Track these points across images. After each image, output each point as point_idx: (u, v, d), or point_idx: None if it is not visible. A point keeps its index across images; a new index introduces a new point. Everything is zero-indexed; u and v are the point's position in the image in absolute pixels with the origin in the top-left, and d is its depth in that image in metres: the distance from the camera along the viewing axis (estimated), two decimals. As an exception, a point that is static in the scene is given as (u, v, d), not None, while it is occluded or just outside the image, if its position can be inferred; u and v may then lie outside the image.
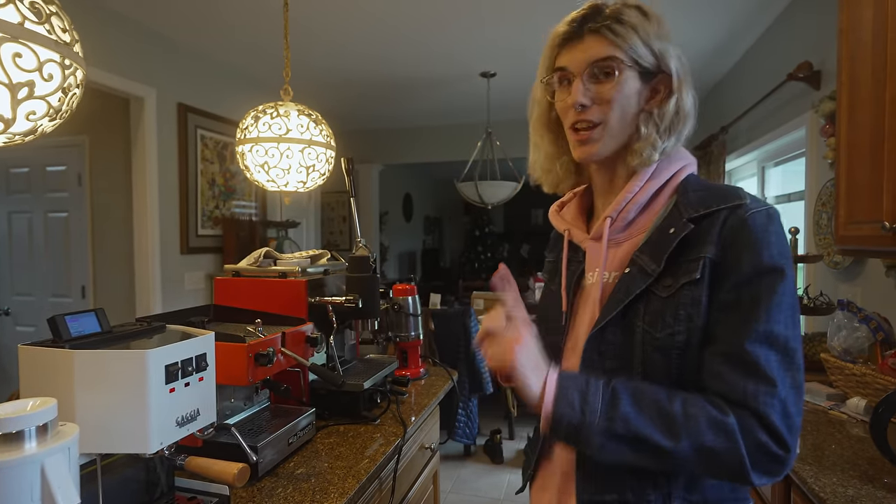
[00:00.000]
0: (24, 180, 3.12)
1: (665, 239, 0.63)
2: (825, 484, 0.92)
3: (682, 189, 0.67)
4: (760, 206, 0.61)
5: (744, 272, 0.59)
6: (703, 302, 0.60)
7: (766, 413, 0.55)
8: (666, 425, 0.56)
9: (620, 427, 0.56)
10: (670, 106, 0.66)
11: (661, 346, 0.61)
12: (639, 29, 0.65)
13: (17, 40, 0.63)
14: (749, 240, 0.59)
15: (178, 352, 0.73)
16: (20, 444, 0.57)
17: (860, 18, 1.21)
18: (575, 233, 0.75)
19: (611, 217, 0.69)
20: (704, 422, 0.55)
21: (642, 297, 0.63)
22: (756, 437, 0.54)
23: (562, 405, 0.58)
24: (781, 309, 0.57)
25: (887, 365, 1.24)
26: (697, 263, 0.61)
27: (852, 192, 1.26)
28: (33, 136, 0.73)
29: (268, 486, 0.92)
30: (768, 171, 2.92)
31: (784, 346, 0.57)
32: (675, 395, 0.58)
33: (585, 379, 0.61)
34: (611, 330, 0.64)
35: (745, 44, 2.87)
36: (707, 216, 0.62)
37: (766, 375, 0.55)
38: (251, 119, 1.44)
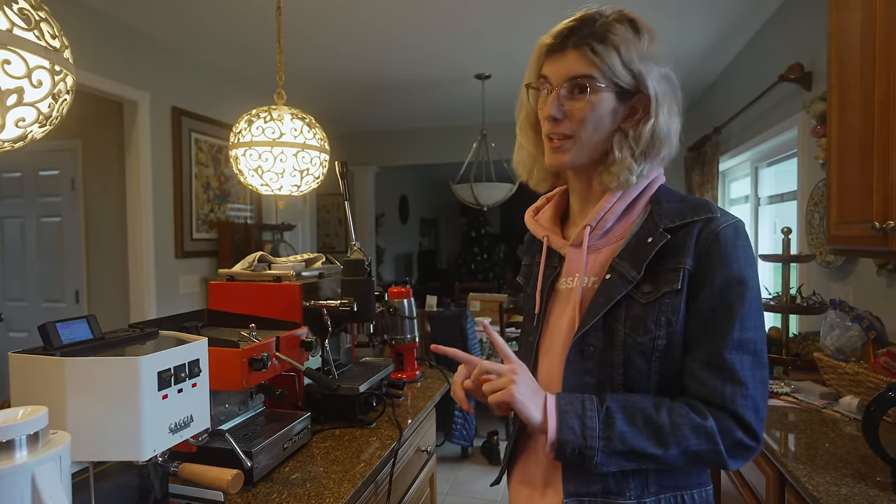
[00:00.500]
0: (16, 185, 3.10)
1: (643, 247, 0.68)
2: (818, 483, 0.92)
3: (655, 199, 0.72)
4: (729, 220, 0.67)
5: (717, 284, 0.64)
6: (682, 309, 0.65)
7: (741, 413, 0.62)
8: (656, 436, 0.62)
9: (618, 444, 0.63)
10: (647, 129, 0.68)
11: (643, 350, 0.66)
12: (622, 48, 0.66)
13: (6, 47, 0.62)
14: (720, 253, 0.65)
15: (171, 358, 0.72)
16: (11, 453, 0.56)
17: (849, 21, 1.22)
18: (554, 239, 0.78)
19: (590, 225, 0.72)
20: (688, 429, 0.62)
21: (622, 302, 0.67)
22: (733, 435, 0.62)
23: (565, 433, 0.63)
24: (751, 316, 0.64)
25: (879, 363, 1.25)
26: (677, 274, 0.65)
27: (843, 192, 1.27)
28: (23, 142, 0.73)
29: (263, 492, 0.92)
30: (761, 171, 2.94)
31: (754, 349, 0.64)
32: (660, 404, 0.64)
33: (581, 401, 0.65)
34: (592, 333, 0.68)
35: (736, 46, 2.90)
36: (682, 227, 0.67)
37: (740, 379, 0.63)
38: (245, 123, 1.43)
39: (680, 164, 3.93)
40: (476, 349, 3.01)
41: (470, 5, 2.38)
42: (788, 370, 1.65)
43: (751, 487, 1.27)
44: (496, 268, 7.99)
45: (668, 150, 0.71)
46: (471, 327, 3.02)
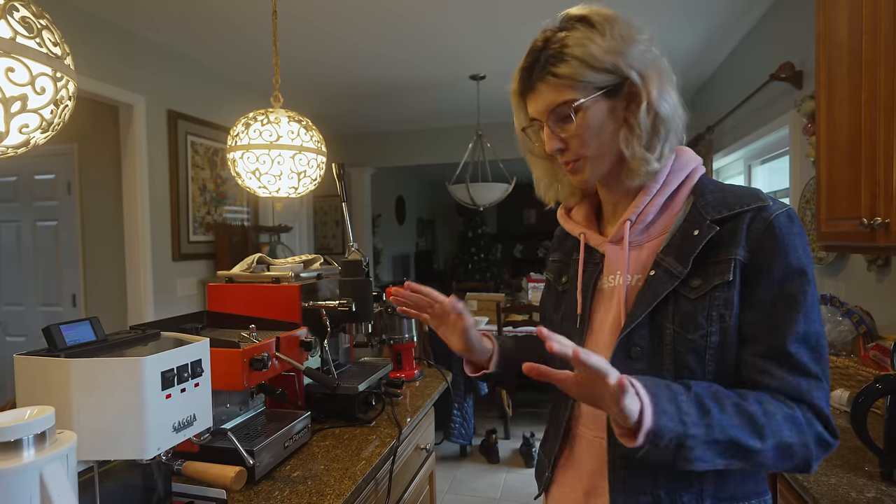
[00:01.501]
0: (11, 189, 3.10)
1: (689, 240, 0.64)
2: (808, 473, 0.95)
3: (698, 191, 0.68)
4: (782, 208, 0.63)
5: (775, 275, 0.61)
6: (735, 303, 0.61)
7: (820, 407, 0.59)
8: (752, 426, 0.56)
9: (718, 433, 0.55)
10: (641, 113, 0.64)
11: (694, 348, 0.62)
12: (585, 55, 0.63)
13: (10, 55, 0.64)
14: (777, 243, 0.61)
15: (174, 358, 0.74)
16: (19, 452, 0.58)
17: (836, 21, 1.25)
18: (591, 236, 0.75)
19: (630, 220, 0.69)
20: (781, 418, 0.57)
21: (670, 298, 0.63)
22: (816, 429, 0.58)
23: (663, 419, 0.53)
24: (814, 308, 0.61)
25: (869, 357, 1.28)
26: (728, 265, 0.61)
27: (832, 189, 1.30)
28: (26, 148, 0.74)
29: (265, 490, 0.93)
30: (755, 168, 2.96)
31: (817, 342, 0.60)
32: (745, 394, 0.59)
33: (667, 385, 0.57)
34: (638, 333, 0.64)
35: (729, 45, 2.92)
36: (731, 218, 0.63)
37: (814, 372, 0.59)
38: (242, 126, 1.45)
39: (674, 162, 3.95)
40: (474, 348, 3.03)
41: (465, 7, 2.40)
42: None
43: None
44: (493, 268, 8.01)
45: (677, 124, 0.67)
46: (468, 327, 3.03)
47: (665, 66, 0.67)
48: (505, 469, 2.91)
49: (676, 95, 0.68)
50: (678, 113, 0.67)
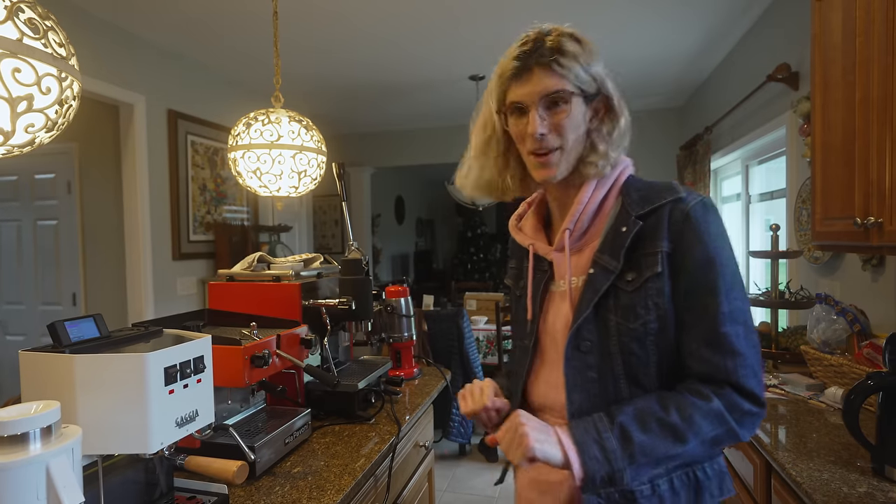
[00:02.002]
0: (12, 189, 3.10)
1: (619, 237, 0.71)
2: (802, 469, 0.96)
3: (625, 190, 0.75)
4: (696, 198, 0.70)
5: (696, 261, 0.67)
6: (667, 291, 0.68)
7: (745, 384, 0.66)
8: (674, 435, 0.64)
9: (641, 457, 0.64)
10: (621, 123, 0.73)
11: (637, 336, 0.68)
12: (579, 58, 0.71)
13: (17, 55, 0.65)
14: (693, 232, 0.68)
15: (177, 354, 0.75)
16: (25, 445, 0.59)
17: (831, 24, 1.26)
18: (539, 246, 0.81)
19: (569, 229, 0.75)
20: (700, 418, 0.64)
21: (610, 292, 0.70)
22: (741, 407, 0.65)
23: (590, 465, 0.63)
24: (734, 287, 0.67)
25: (863, 355, 1.29)
26: (656, 258, 0.68)
27: (827, 189, 1.31)
28: (31, 147, 0.75)
29: (265, 485, 0.94)
30: (752, 169, 2.98)
31: (743, 318, 0.67)
32: (666, 402, 0.66)
33: (593, 425, 0.66)
34: (586, 328, 0.71)
35: (726, 46, 2.94)
36: (652, 212, 0.70)
37: (738, 351, 0.66)
38: (243, 126, 1.46)
39: (672, 162, 3.97)
40: (473, 347, 3.04)
41: (464, 8, 2.41)
42: (778, 364, 1.69)
43: (739, 477, 1.31)
44: (492, 267, 8.02)
45: (628, 140, 0.76)
46: (467, 326, 3.05)
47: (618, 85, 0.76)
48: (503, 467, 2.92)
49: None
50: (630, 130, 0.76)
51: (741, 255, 3.14)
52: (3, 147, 0.70)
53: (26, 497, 0.58)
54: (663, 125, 4.22)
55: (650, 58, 3.08)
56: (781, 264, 1.98)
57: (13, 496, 0.57)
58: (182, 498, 0.88)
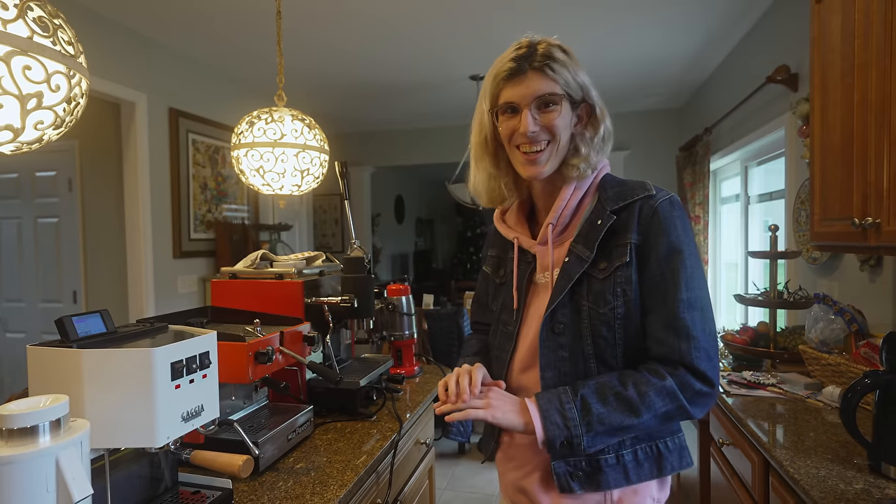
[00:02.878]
0: (12, 186, 3.11)
1: (594, 230, 0.78)
2: (800, 466, 0.97)
3: (601, 187, 0.82)
4: (665, 196, 0.77)
5: (661, 253, 0.74)
6: (634, 279, 0.75)
7: (698, 365, 0.72)
8: (628, 407, 0.72)
9: (598, 426, 0.72)
10: (602, 130, 0.80)
11: (605, 320, 0.75)
12: (568, 66, 0.77)
13: (27, 53, 0.66)
14: (660, 225, 0.75)
15: (183, 350, 0.76)
16: (35, 438, 0.60)
17: (830, 27, 1.28)
18: (523, 240, 0.86)
19: (552, 224, 0.81)
20: (653, 393, 0.71)
21: (583, 280, 0.77)
22: (692, 386, 0.72)
23: (550, 429, 0.71)
24: (694, 277, 0.74)
25: (860, 354, 1.30)
26: (625, 248, 0.75)
27: (825, 190, 1.32)
28: (39, 144, 0.76)
29: (269, 480, 0.95)
30: (751, 170, 2.99)
31: (700, 305, 0.74)
32: (625, 378, 0.73)
33: (557, 396, 0.74)
34: (561, 311, 0.78)
35: (726, 48, 2.95)
36: (625, 207, 0.77)
37: (693, 335, 0.72)
38: (246, 124, 1.46)
39: (672, 163, 3.99)
40: (472, 346, 3.05)
41: (465, 8, 2.42)
42: (776, 363, 1.71)
43: (738, 474, 1.32)
44: (492, 267, 8.02)
45: (610, 146, 0.82)
46: (467, 325, 3.06)
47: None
48: (502, 466, 2.93)
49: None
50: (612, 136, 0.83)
51: (740, 255, 3.16)
52: (13, 144, 0.71)
53: (36, 489, 0.58)
54: (663, 126, 4.24)
55: (650, 59, 3.09)
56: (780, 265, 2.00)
57: (23, 488, 0.58)
58: (186, 492, 0.88)
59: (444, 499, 2.59)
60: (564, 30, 2.62)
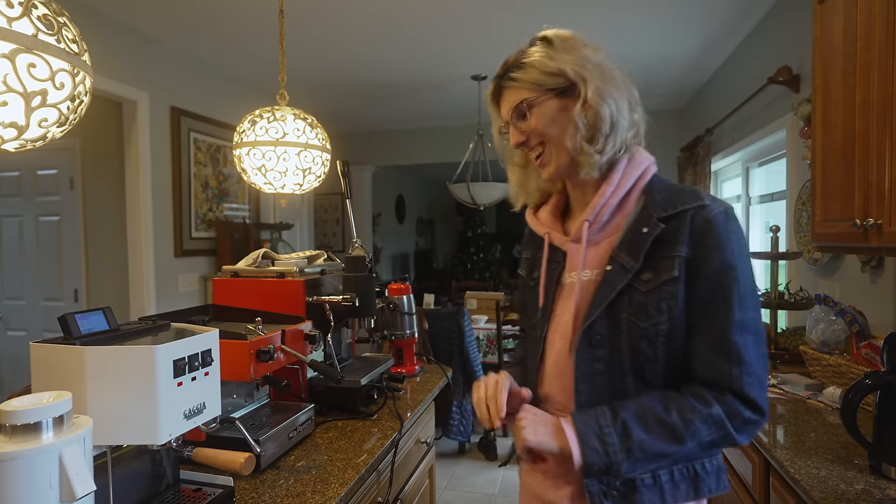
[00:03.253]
0: (14, 184, 3.11)
1: (639, 237, 0.72)
2: (800, 466, 0.97)
3: (648, 190, 0.76)
4: (719, 207, 0.71)
5: (713, 269, 0.68)
6: (681, 295, 0.69)
7: (748, 392, 0.67)
8: (672, 435, 0.67)
9: (639, 453, 0.68)
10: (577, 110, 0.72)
11: (646, 335, 0.70)
12: (536, 62, 0.74)
13: (32, 51, 0.66)
14: (714, 239, 0.69)
15: (185, 347, 0.76)
16: (38, 434, 0.60)
17: (832, 28, 1.28)
18: (555, 236, 0.82)
19: (588, 220, 0.76)
20: (699, 421, 0.67)
21: (625, 291, 0.71)
22: (741, 415, 0.67)
23: (589, 455, 0.67)
24: (748, 297, 0.68)
25: (861, 355, 1.30)
26: (674, 262, 0.69)
27: (827, 191, 1.32)
28: (43, 141, 0.76)
29: (270, 478, 0.95)
30: (752, 171, 2.99)
31: (755, 328, 0.69)
32: (669, 403, 0.69)
33: (595, 418, 0.69)
34: (599, 322, 0.73)
35: (727, 48, 2.95)
36: (675, 216, 0.71)
37: (745, 359, 0.67)
38: (248, 123, 1.47)
39: (673, 164, 3.99)
40: (473, 346, 3.05)
41: (466, 8, 2.42)
42: (777, 364, 1.71)
43: (738, 474, 1.32)
44: (492, 267, 8.03)
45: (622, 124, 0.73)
46: (468, 325, 3.06)
47: (613, 73, 0.75)
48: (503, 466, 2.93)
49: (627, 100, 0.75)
50: (624, 114, 0.74)
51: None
52: (17, 141, 0.71)
53: (39, 485, 0.59)
54: (664, 126, 4.24)
55: (652, 59, 3.09)
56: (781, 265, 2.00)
57: (26, 484, 0.58)
58: (188, 490, 0.89)
59: (444, 498, 2.59)
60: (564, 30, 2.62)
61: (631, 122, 0.75)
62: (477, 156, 3.78)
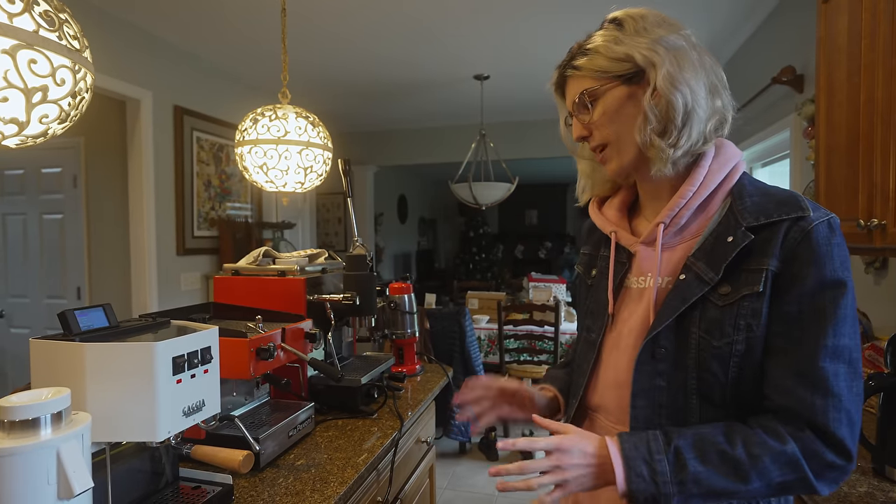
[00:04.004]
0: (18, 182, 3.12)
1: (722, 247, 0.63)
2: (802, 468, 0.96)
3: (736, 193, 0.66)
4: (822, 217, 0.61)
5: (808, 286, 0.59)
6: (764, 313, 0.60)
7: (834, 429, 0.57)
8: (735, 472, 0.58)
9: (693, 488, 0.58)
10: (646, 99, 0.64)
11: (719, 355, 0.61)
12: (601, 47, 0.66)
13: (33, 47, 0.66)
14: (813, 253, 0.59)
15: (185, 344, 0.76)
16: (36, 430, 0.60)
17: (836, 27, 1.27)
18: (623, 235, 0.75)
19: (664, 223, 0.69)
20: (769, 460, 0.57)
21: (698, 304, 0.63)
22: (822, 457, 0.57)
23: (635, 482, 0.58)
24: (846, 322, 0.59)
25: (864, 357, 1.30)
26: (759, 275, 0.61)
27: (831, 191, 1.31)
28: (44, 138, 0.76)
29: (269, 476, 0.95)
30: (756, 171, 2.98)
31: (849, 357, 0.59)
32: (733, 435, 0.59)
33: (646, 443, 0.60)
34: (665, 335, 0.65)
35: (730, 49, 2.94)
36: (767, 226, 0.62)
37: (832, 391, 0.57)
38: (250, 121, 1.47)
39: (676, 164, 3.97)
40: (474, 346, 3.05)
41: (469, 7, 2.42)
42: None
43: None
44: (494, 267, 8.03)
45: (699, 115, 0.64)
46: (469, 325, 3.06)
47: (690, 55, 0.65)
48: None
49: (707, 85, 0.65)
50: (702, 103, 0.64)
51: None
52: (18, 137, 0.71)
53: (37, 481, 0.59)
54: (667, 127, 4.22)
55: (655, 59, 3.08)
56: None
57: (24, 480, 0.58)
58: (187, 487, 0.89)
59: (444, 498, 2.59)
60: (567, 29, 2.61)
61: (712, 110, 0.65)
62: (479, 155, 3.78)
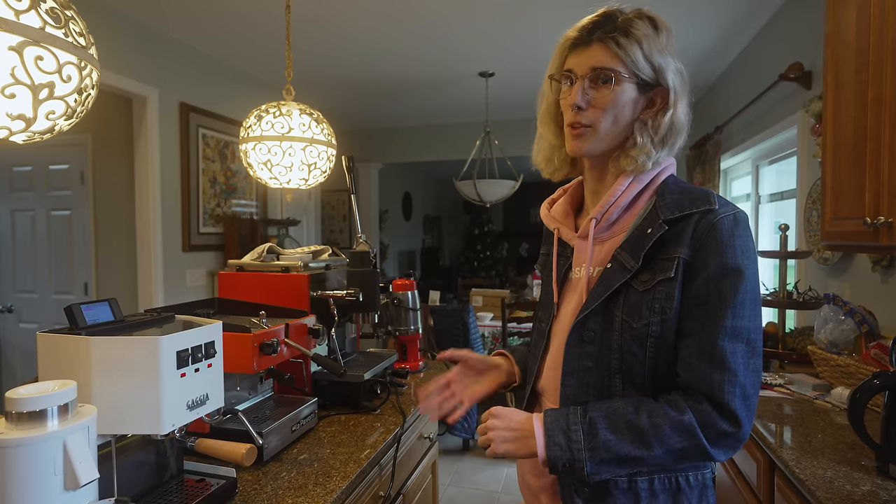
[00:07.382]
0: (26, 179, 3.15)
1: (643, 238, 0.70)
2: (805, 467, 0.96)
3: (660, 192, 0.73)
4: (728, 211, 0.68)
5: (712, 272, 0.66)
6: (676, 297, 0.67)
7: (727, 401, 0.64)
8: (639, 439, 0.65)
9: (603, 453, 0.65)
10: (666, 119, 0.71)
11: (637, 336, 0.68)
12: (643, 43, 0.69)
13: (39, 44, 0.66)
14: (716, 243, 0.66)
15: (189, 339, 0.76)
16: (43, 422, 0.61)
17: (845, 22, 1.25)
18: (564, 231, 0.81)
19: (595, 218, 0.75)
20: (669, 428, 0.64)
21: (622, 290, 0.70)
22: (717, 427, 0.64)
23: (552, 449, 0.67)
24: (745, 305, 0.65)
25: (870, 356, 1.29)
26: (672, 262, 0.68)
27: (837, 189, 1.30)
28: (50, 134, 0.77)
29: (272, 470, 0.96)
30: (762, 169, 2.96)
31: (747, 337, 0.65)
32: (641, 407, 0.67)
33: (565, 416, 0.69)
34: (593, 318, 0.72)
35: (738, 45, 2.91)
36: (681, 219, 0.69)
37: (730, 367, 0.64)
38: (254, 118, 1.47)
39: (682, 162, 3.95)
40: (478, 343, 3.05)
41: (474, 5, 2.41)
42: (785, 364, 1.69)
43: (742, 474, 1.31)
44: (498, 265, 8.02)
45: (681, 140, 0.73)
46: (472, 321, 3.06)
47: (688, 90, 0.74)
48: (506, 463, 2.93)
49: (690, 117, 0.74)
50: (685, 132, 0.74)
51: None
52: (25, 133, 0.72)
53: (44, 472, 0.60)
54: (673, 124, 4.18)
55: (661, 56, 3.06)
56: (790, 265, 1.97)
57: (31, 470, 0.59)
58: (191, 480, 0.89)
59: (447, 494, 2.60)
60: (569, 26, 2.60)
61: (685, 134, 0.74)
62: (484, 153, 3.77)
